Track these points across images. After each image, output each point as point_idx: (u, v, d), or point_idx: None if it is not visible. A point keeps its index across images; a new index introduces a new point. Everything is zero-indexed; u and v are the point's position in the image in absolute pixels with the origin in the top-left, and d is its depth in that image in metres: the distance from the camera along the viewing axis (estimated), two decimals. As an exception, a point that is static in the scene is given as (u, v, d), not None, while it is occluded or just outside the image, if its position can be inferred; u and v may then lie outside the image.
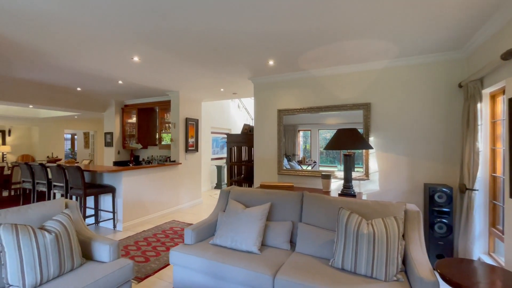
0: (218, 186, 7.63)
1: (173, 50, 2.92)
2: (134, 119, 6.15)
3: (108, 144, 6.23)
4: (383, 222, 1.86)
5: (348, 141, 2.79)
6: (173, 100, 5.34)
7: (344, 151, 3.09)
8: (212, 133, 7.73)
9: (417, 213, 2.05)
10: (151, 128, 6.30)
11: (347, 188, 2.93)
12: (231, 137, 4.67)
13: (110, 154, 6.22)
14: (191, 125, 5.53)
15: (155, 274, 2.64)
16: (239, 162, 4.75)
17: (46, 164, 4.00)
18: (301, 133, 3.80)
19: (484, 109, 2.53)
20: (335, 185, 3.54)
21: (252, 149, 4.54)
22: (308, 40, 2.65)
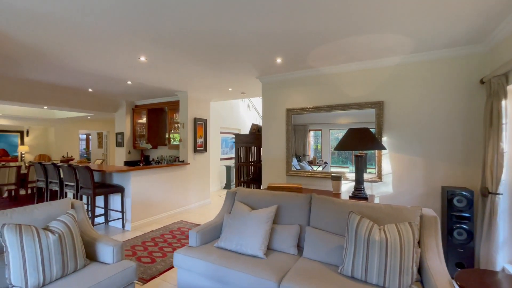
0: (227, 186, 7.60)
1: (180, 50, 2.89)
2: (144, 120, 6.21)
3: (119, 144, 6.32)
4: (397, 228, 1.73)
5: (360, 142, 2.66)
6: (182, 100, 5.35)
7: (356, 152, 2.95)
8: (222, 133, 7.71)
9: (434, 219, 1.91)
10: (161, 129, 6.34)
11: (358, 191, 2.80)
12: (239, 137, 4.61)
13: (121, 154, 6.31)
14: (200, 125, 5.51)
15: (160, 276, 2.61)
16: (247, 163, 4.68)
17: (58, 164, 4.08)
18: (312, 133, 3.69)
19: (510, 107, 2.34)
20: (346, 187, 3.41)
21: (261, 150, 4.46)
22: (317, 36, 2.54)
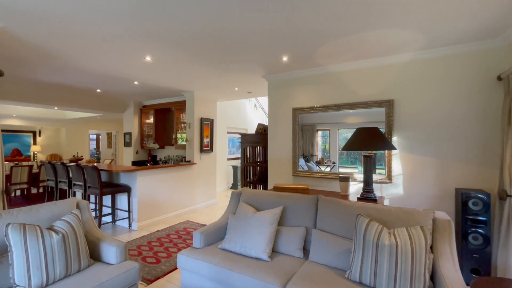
0: (234, 187, 7.57)
1: (185, 49, 2.87)
2: (152, 120, 6.25)
3: (127, 144, 6.39)
4: (408, 232, 1.65)
5: (368, 141, 2.57)
6: (188, 100, 5.35)
7: (364, 152, 2.87)
8: (228, 133, 7.69)
9: (448, 222, 1.81)
10: (168, 128, 6.37)
11: (367, 192, 2.71)
12: (245, 137, 4.57)
13: (129, 154, 6.37)
14: (206, 125, 5.50)
15: (165, 277, 2.59)
16: (254, 163, 4.64)
17: (67, 164, 4.14)
18: (320, 133, 3.61)
19: (529, 104, 2.20)
20: (355, 188, 3.32)
21: (267, 150, 4.40)
22: (324, 33, 2.46)
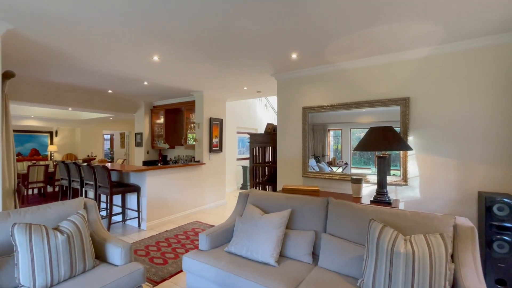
0: (244, 187, 7.52)
1: (192, 48, 2.83)
2: (162, 120, 6.30)
3: (138, 144, 6.47)
4: (426, 240, 1.52)
5: (382, 141, 2.44)
6: (197, 100, 5.34)
7: (378, 153, 2.73)
8: (238, 133, 7.65)
9: (471, 230, 1.67)
10: (178, 129, 6.40)
11: (381, 195, 2.57)
12: (254, 137, 4.50)
13: (140, 154, 6.45)
14: (215, 125, 5.47)
15: (171, 279, 2.56)
16: (263, 163, 4.56)
17: (79, 163, 4.22)
18: (331, 133, 3.50)
19: None
20: (368, 190, 3.17)
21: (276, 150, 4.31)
22: (335, 28, 2.35)
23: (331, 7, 2.01)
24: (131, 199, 4.27)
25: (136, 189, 4.08)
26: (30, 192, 6.85)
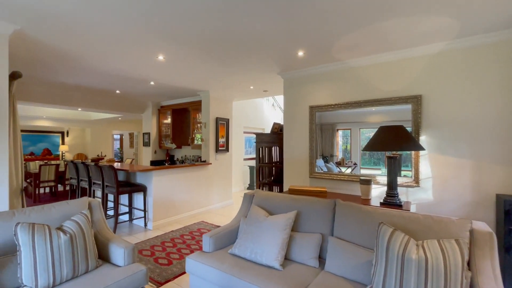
0: (251, 187, 7.47)
1: (196, 47, 2.80)
2: (169, 120, 6.32)
3: (146, 144, 6.51)
4: (440, 246, 1.43)
5: (393, 141, 2.34)
6: (204, 100, 5.32)
7: (388, 153, 2.62)
8: (245, 133, 7.61)
9: (489, 235, 1.56)
10: (185, 129, 6.41)
11: (391, 197, 2.47)
12: (260, 137, 4.44)
13: (148, 154, 6.49)
14: (222, 125, 5.45)
15: (175, 280, 2.53)
16: (269, 163, 4.49)
17: (87, 163, 4.26)
18: (340, 132, 3.41)
19: None
20: (377, 192, 3.07)
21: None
22: (343, 22, 2.27)
23: (339, 1, 1.93)
24: (138, 199, 4.29)
25: (143, 189, 4.09)
26: (42, 191, 7.01)
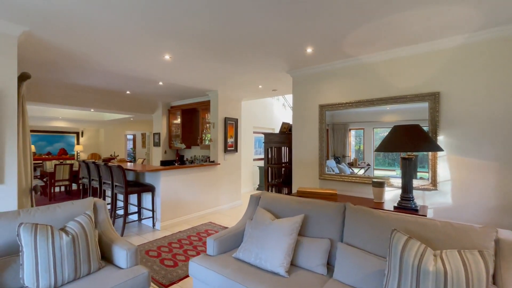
0: (261, 188, 7.39)
1: (203, 46, 2.75)
2: (179, 120, 6.34)
3: (156, 144, 6.57)
4: (460, 257, 1.29)
5: (408, 141, 2.19)
6: (212, 100, 5.29)
7: (403, 154, 2.47)
8: (255, 133, 7.54)
9: (518, 246, 1.40)
10: (194, 129, 6.41)
11: (406, 200, 2.32)
12: (269, 137, 4.34)
13: (158, 154, 6.55)
14: (230, 125, 5.39)
15: (179, 282, 2.49)
16: (278, 164, 4.39)
17: (97, 163, 4.32)
18: (353, 132, 3.27)
19: None
20: (391, 195, 2.91)
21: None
22: (354, 15, 2.15)
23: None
24: (147, 199, 4.30)
25: (151, 189, 4.09)
26: (57, 190, 7.23)
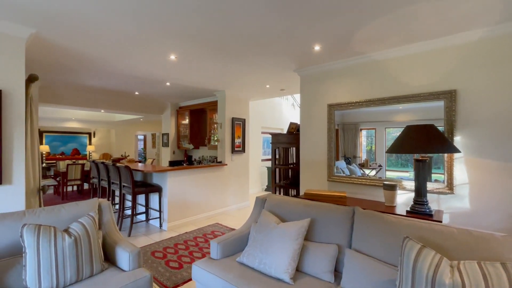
0: (269, 189, 7.31)
1: (207, 45, 2.71)
2: (187, 121, 6.35)
3: (165, 145, 6.61)
4: (480, 269, 1.19)
5: (422, 142, 2.07)
6: (220, 100, 5.26)
7: (417, 155, 2.34)
8: (263, 133, 7.47)
9: (545, 258, 1.28)
10: (202, 129, 6.41)
11: (420, 205, 2.20)
12: (276, 137, 4.27)
13: (167, 154, 6.58)
14: (238, 125, 5.35)
15: (183, 285, 2.45)
16: (286, 165, 4.31)
17: (106, 163, 4.37)
18: (364, 132, 3.16)
19: None
20: (404, 198, 2.77)
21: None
22: (362, 9, 2.05)
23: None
24: (154, 199, 4.31)
25: (158, 190, 4.10)
26: (70, 189, 7.40)
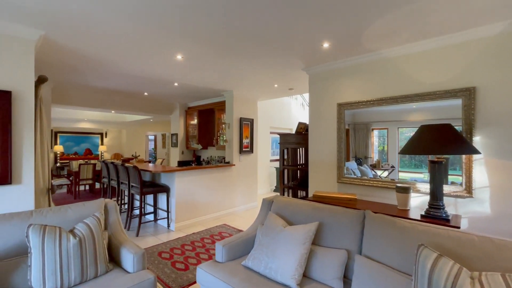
0: (278, 189, 7.23)
1: (215, 45, 2.67)
2: (196, 121, 6.37)
3: (174, 145, 6.64)
4: (505, 281, 1.08)
5: (437, 143, 1.95)
6: (228, 100, 5.23)
7: (432, 157, 2.22)
8: (272, 133, 7.40)
9: None
10: (210, 129, 6.41)
11: (435, 209, 2.08)
12: (285, 138, 4.19)
13: (176, 154, 6.62)
14: (246, 125, 5.30)
15: (189, 287, 2.42)
16: (294, 166, 4.22)
17: (115, 163, 4.41)
18: (376, 132, 3.05)
19: None
20: (418, 201, 2.65)
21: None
22: (374, 3, 1.95)
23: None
24: (162, 199, 4.33)
25: (166, 190, 4.10)
26: (82, 188, 7.56)
